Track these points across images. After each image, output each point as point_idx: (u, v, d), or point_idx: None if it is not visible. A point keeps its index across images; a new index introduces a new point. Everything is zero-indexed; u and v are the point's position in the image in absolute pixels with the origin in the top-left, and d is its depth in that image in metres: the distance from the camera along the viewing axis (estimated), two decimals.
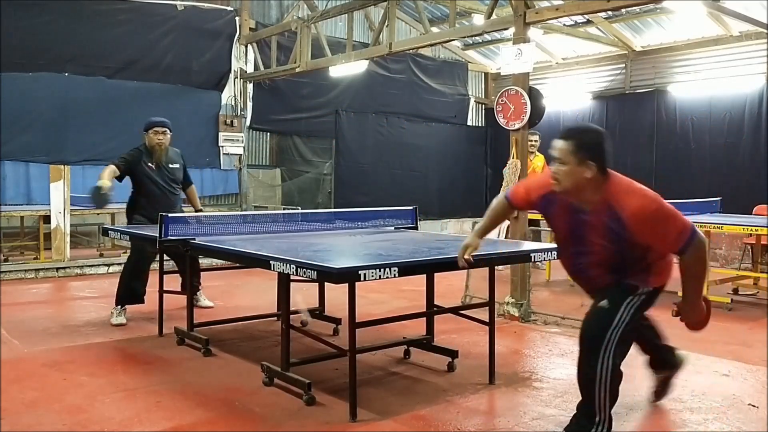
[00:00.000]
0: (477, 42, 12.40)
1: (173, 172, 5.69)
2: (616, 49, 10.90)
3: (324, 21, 9.44)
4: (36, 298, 6.68)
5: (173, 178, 5.69)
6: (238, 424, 3.36)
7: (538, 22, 6.10)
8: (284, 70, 9.66)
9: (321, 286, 5.43)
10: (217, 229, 4.72)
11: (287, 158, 11.39)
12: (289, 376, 3.78)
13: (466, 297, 6.10)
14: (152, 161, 5.56)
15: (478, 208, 12.41)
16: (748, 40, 9.36)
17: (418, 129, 12.04)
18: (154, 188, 5.57)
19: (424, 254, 3.74)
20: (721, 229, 6.32)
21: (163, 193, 5.59)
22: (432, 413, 3.48)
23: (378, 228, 5.32)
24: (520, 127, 5.88)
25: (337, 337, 4.89)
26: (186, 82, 9.86)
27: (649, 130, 10.37)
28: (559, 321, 5.56)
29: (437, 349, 4.42)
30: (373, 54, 8.38)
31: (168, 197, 5.61)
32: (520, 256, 4.35)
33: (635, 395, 3.80)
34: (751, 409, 3.59)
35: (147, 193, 5.57)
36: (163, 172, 5.61)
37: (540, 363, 4.49)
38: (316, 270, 3.14)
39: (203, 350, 4.57)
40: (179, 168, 5.76)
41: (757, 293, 6.93)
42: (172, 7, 9.67)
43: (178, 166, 5.74)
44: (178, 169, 5.74)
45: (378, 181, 11.29)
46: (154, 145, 5.54)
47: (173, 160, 5.70)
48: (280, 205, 10.69)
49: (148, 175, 5.54)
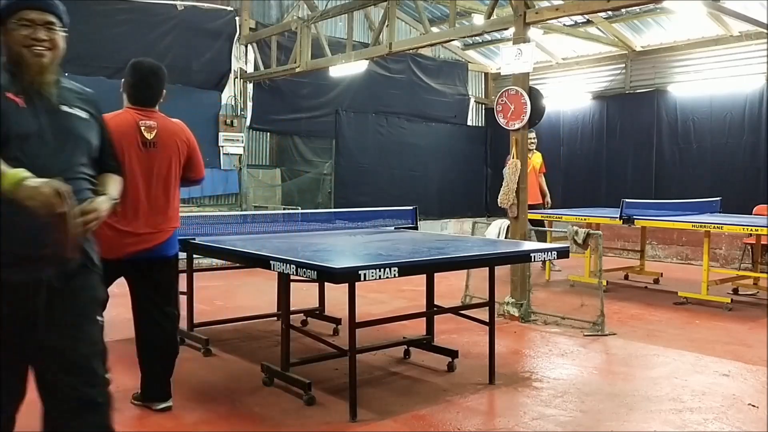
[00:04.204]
0: (477, 42, 12.39)
1: (73, 124, 2.21)
2: (616, 49, 10.90)
3: (324, 21, 9.43)
4: None
5: (72, 137, 2.19)
6: (238, 424, 3.36)
7: (538, 22, 6.10)
8: (284, 70, 9.66)
9: (321, 286, 5.43)
10: (217, 229, 4.72)
11: (287, 158, 11.38)
12: (289, 376, 3.78)
13: (466, 297, 6.10)
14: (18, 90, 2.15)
15: (478, 208, 12.42)
16: (748, 40, 9.35)
17: (418, 129, 12.03)
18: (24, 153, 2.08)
19: (424, 254, 3.74)
20: (721, 229, 6.32)
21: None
22: (432, 413, 3.48)
23: (378, 228, 5.32)
24: (520, 127, 5.88)
25: (337, 337, 4.89)
26: (186, 82, 9.85)
27: (649, 130, 10.36)
28: (559, 321, 5.56)
29: (437, 349, 4.42)
30: (373, 54, 8.38)
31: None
32: (520, 256, 4.35)
33: (635, 395, 3.80)
34: (751, 409, 3.59)
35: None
36: (45, 117, 2.16)
37: (540, 363, 4.49)
38: (316, 270, 3.14)
39: (203, 350, 4.57)
40: (89, 122, 2.27)
41: (757, 293, 6.93)
42: (172, 7, 9.67)
43: (86, 117, 2.26)
44: (85, 121, 2.24)
45: (378, 181, 11.28)
46: (24, 57, 2.11)
47: (72, 101, 2.25)
48: (280, 205, 10.68)
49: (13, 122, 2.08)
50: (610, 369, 4.39)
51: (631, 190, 9.80)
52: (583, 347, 4.86)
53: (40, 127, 2.06)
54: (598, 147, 11.02)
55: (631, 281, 7.86)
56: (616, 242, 9.90)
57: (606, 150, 10.89)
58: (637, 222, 6.85)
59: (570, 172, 11.30)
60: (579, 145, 11.30)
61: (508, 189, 5.86)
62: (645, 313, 6.04)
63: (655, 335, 5.22)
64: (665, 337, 5.17)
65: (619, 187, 10.22)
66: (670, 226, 7.34)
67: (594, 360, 4.58)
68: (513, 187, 5.84)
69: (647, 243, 8.85)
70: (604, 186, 10.78)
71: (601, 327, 5.25)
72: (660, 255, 10.00)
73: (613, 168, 10.73)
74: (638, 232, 8.24)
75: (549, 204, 9.04)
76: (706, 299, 6.34)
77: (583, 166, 11.13)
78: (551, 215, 7.94)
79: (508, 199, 5.85)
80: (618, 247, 9.81)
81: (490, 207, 11.98)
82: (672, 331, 5.38)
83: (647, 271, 7.91)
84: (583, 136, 11.27)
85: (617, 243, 9.90)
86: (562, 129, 11.48)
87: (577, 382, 4.05)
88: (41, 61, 2.07)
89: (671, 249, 9.92)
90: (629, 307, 6.29)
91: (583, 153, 11.22)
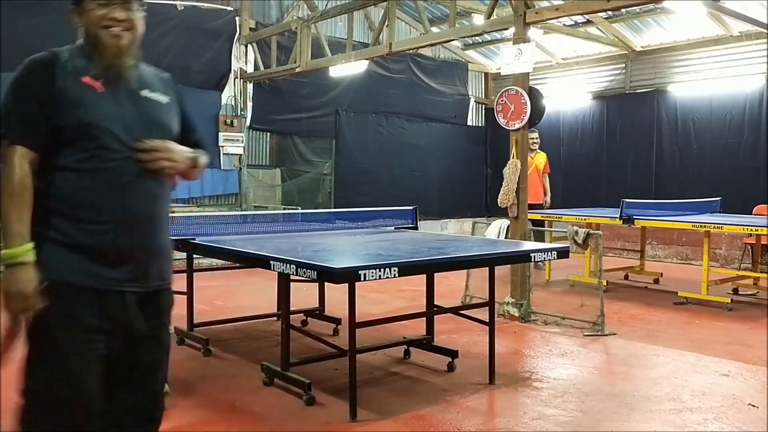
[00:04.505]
0: (477, 42, 12.39)
1: (150, 109, 2.05)
2: (616, 49, 10.89)
3: (324, 21, 9.43)
4: None
5: (156, 124, 2.04)
6: (238, 424, 3.36)
7: (538, 22, 6.10)
8: (284, 70, 9.66)
9: (321, 286, 5.43)
10: (217, 229, 4.72)
11: (287, 158, 11.38)
12: (289, 376, 3.78)
13: (466, 297, 6.10)
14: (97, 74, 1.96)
15: (478, 208, 12.41)
16: (748, 40, 9.35)
17: (418, 129, 12.03)
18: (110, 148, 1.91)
19: (424, 254, 3.74)
20: (721, 229, 6.32)
21: (129, 165, 1.94)
22: (432, 413, 3.48)
23: (378, 228, 5.32)
24: (520, 127, 5.88)
25: (337, 337, 4.89)
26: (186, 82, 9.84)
27: (649, 130, 10.36)
28: (559, 321, 5.56)
29: (437, 349, 4.42)
30: (373, 54, 8.38)
31: (149, 175, 1.98)
32: (520, 256, 4.35)
33: (635, 395, 3.80)
34: (751, 409, 3.59)
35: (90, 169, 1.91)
36: (128, 102, 2.00)
37: (540, 363, 4.49)
38: (316, 270, 3.14)
39: (203, 350, 4.57)
40: (170, 106, 2.13)
41: (757, 293, 6.93)
42: (172, 7, 9.66)
43: (167, 102, 2.11)
44: (166, 106, 2.10)
45: (378, 181, 11.27)
46: (102, 38, 1.95)
47: (153, 84, 2.10)
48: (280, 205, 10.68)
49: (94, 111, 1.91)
50: (610, 369, 4.39)
51: (631, 190, 9.80)
52: (583, 347, 4.86)
53: (122, 113, 1.92)
54: (598, 147, 11.02)
55: (631, 281, 7.86)
56: (616, 242, 9.90)
57: (606, 150, 10.89)
58: (637, 222, 6.85)
59: (570, 172, 11.30)
60: (579, 145, 11.30)
61: (508, 189, 5.86)
62: (645, 313, 6.04)
63: (655, 335, 5.22)
64: (665, 337, 5.17)
65: (619, 187, 10.22)
66: (670, 226, 7.34)
67: (594, 360, 4.58)
68: (513, 187, 5.84)
69: (647, 243, 8.85)
70: (604, 186, 10.78)
71: (601, 327, 5.25)
72: (660, 255, 10.00)
73: (613, 168, 10.73)
74: (638, 232, 8.24)
75: (547, 204, 9.04)
76: (706, 299, 6.34)
77: (583, 166, 11.13)
78: (551, 215, 7.94)
79: (508, 199, 5.85)
80: (618, 247, 9.81)
81: (490, 207, 11.98)
82: (672, 331, 5.38)
83: (647, 271, 7.91)
84: (583, 136, 11.27)
85: (617, 243, 9.90)
86: (562, 129, 11.48)
87: (577, 382, 4.05)
88: (119, 42, 1.93)
89: (671, 249, 9.92)
90: (629, 307, 6.29)
91: (583, 153, 11.22)
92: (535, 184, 8.73)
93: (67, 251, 1.87)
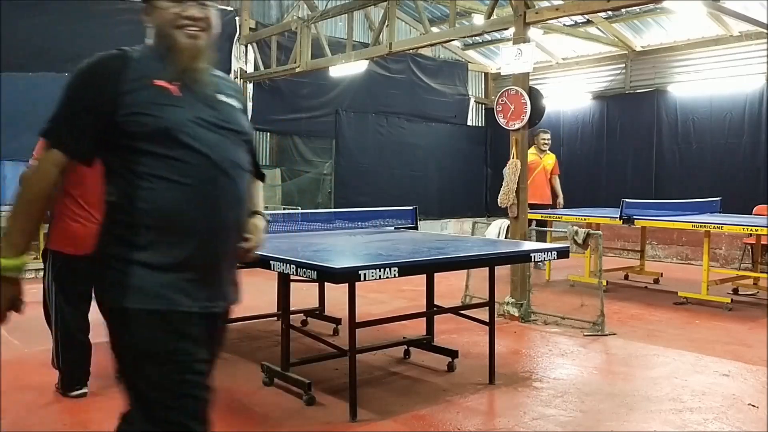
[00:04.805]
0: (477, 42, 12.39)
1: (228, 115, 1.89)
2: (616, 49, 10.90)
3: (324, 21, 9.43)
4: (36, 298, 6.62)
5: (234, 129, 1.88)
6: (238, 424, 3.36)
7: (538, 22, 6.10)
8: (284, 70, 9.66)
9: (321, 286, 5.43)
10: None
11: (287, 158, 11.38)
12: (289, 376, 3.78)
13: (466, 297, 6.10)
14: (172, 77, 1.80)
15: (478, 208, 12.42)
16: (748, 40, 9.35)
17: (418, 129, 12.03)
18: (192, 154, 1.76)
19: (424, 254, 3.74)
20: (721, 229, 6.32)
21: (215, 172, 1.79)
22: (432, 413, 3.48)
23: (378, 228, 5.32)
24: (520, 127, 5.88)
25: (337, 337, 4.89)
26: None
27: (649, 130, 10.36)
28: (559, 321, 5.56)
29: (437, 349, 4.42)
30: (373, 54, 8.38)
31: (233, 182, 1.84)
32: (520, 256, 4.35)
33: (635, 395, 3.80)
34: (751, 409, 3.59)
35: (178, 179, 1.75)
36: (205, 106, 1.84)
37: (540, 363, 4.49)
38: (316, 270, 3.14)
39: None
40: (242, 114, 1.98)
41: (757, 293, 6.93)
42: None
43: (241, 108, 1.98)
44: (240, 112, 1.96)
45: (378, 181, 11.28)
46: (177, 39, 1.79)
47: (225, 89, 1.94)
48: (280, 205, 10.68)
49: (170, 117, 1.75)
50: (610, 369, 4.39)
51: (631, 190, 9.80)
52: (583, 347, 4.86)
53: (201, 118, 1.76)
54: (598, 147, 11.02)
55: (631, 281, 7.86)
56: (616, 242, 9.90)
57: (606, 150, 10.89)
58: (637, 222, 6.85)
59: (570, 172, 11.27)
60: (579, 145, 11.30)
61: (508, 189, 5.86)
62: (645, 313, 6.04)
63: (655, 335, 5.22)
64: (665, 337, 5.17)
65: (619, 187, 10.22)
66: (670, 226, 7.34)
67: (594, 360, 4.58)
68: (513, 187, 5.84)
69: (647, 243, 8.85)
70: (604, 186, 10.78)
71: (601, 327, 5.25)
72: (660, 255, 10.00)
73: (613, 168, 10.73)
74: (638, 232, 8.24)
75: (561, 205, 9.04)
76: (706, 299, 6.34)
77: (583, 166, 11.13)
78: (551, 215, 7.94)
79: (508, 199, 5.85)
80: (618, 247, 9.81)
81: (490, 207, 11.98)
82: (672, 331, 5.38)
83: (647, 271, 7.91)
84: (583, 136, 11.27)
85: (617, 243, 9.90)
86: (562, 129, 11.48)
87: (577, 382, 4.05)
88: (196, 43, 1.77)
89: (671, 249, 9.92)
90: (629, 307, 6.29)
91: (583, 153, 11.22)
92: (541, 184, 8.73)
93: (161, 273, 1.71)
